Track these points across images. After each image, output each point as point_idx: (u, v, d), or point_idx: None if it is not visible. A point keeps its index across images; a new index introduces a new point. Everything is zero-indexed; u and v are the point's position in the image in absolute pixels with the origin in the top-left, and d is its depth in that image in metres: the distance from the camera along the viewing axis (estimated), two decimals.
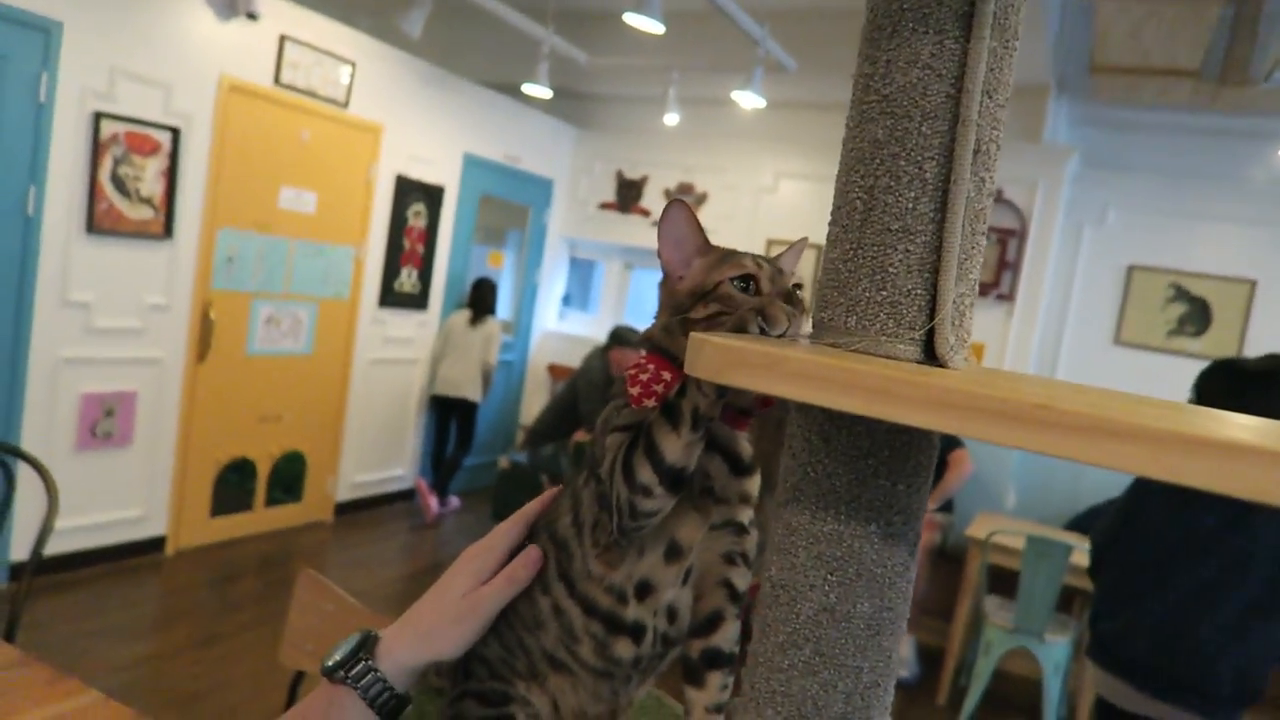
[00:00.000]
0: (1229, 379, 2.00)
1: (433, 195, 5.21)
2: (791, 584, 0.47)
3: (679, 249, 0.68)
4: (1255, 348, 4.54)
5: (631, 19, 3.66)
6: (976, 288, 0.47)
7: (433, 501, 5.27)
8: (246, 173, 4.14)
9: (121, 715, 1.41)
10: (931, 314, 0.45)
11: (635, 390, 0.67)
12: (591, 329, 6.47)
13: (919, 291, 0.45)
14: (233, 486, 4.41)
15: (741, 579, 0.68)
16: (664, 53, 4.94)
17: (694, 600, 0.69)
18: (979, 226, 0.46)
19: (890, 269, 0.45)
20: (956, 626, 3.89)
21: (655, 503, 0.60)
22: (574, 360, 5.85)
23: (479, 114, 5.45)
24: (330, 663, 0.67)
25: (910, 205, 0.45)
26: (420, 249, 5.23)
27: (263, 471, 4.54)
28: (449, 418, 5.45)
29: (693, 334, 0.42)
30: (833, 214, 0.48)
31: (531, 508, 0.78)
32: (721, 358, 0.40)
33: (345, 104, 4.51)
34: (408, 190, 5.02)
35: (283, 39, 4.13)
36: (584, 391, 4.46)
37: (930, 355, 0.45)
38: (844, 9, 4.36)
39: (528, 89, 4.70)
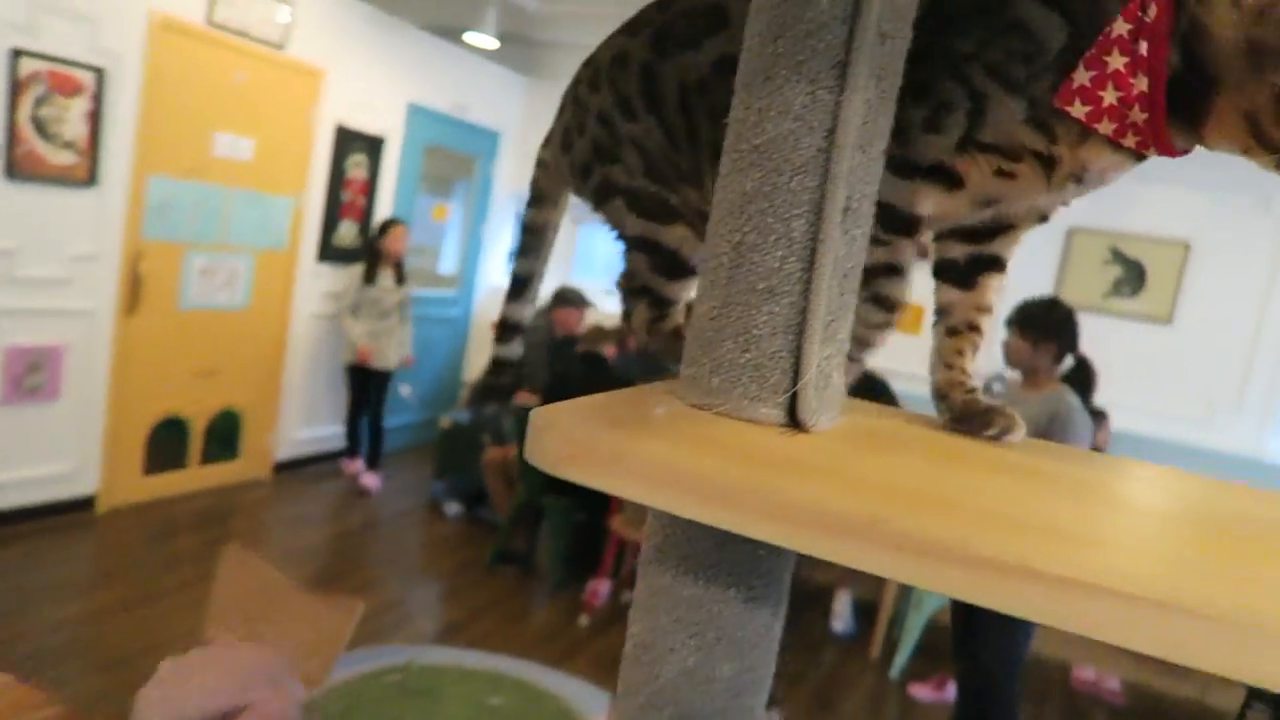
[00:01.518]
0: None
1: (374, 146, 5.05)
2: (654, 645, 0.46)
3: None
4: (1186, 308, 4.70)
5: None
6: (846, 347, 0.45)
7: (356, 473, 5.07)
8: (178, 117, 3.96)
9: (32, 698, 1.38)
10: (796, 377, 0.43)
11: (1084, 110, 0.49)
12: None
13: (784, 354, 0.43)
14: (167, 443, 4.30)
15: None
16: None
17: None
18: (849, 286, 0.44)
19: (755, 330, 0.43)
20: (890, 582, 3.99)
21: None
22: None
23: (425, 61, 5.27)
24: None
25: (777, 264, 0.43)
26: (361, 201, 5.09)
27: (198, 428, 4.44)
28: None
29: (534, 414, 0.39)
30: (700, 266, 0.46)
31: None
32: (560, 449, 0.37)
33: (282, 46, 4.33)
34: (348, 140, 4.86)
35: None
36: (527, 353, 4.42)
37: (795, 418, 0.44)
38: None
39: (470, 38, 4.54)
